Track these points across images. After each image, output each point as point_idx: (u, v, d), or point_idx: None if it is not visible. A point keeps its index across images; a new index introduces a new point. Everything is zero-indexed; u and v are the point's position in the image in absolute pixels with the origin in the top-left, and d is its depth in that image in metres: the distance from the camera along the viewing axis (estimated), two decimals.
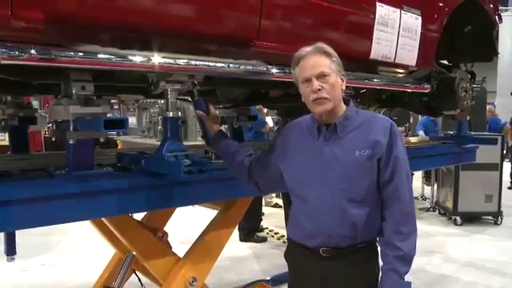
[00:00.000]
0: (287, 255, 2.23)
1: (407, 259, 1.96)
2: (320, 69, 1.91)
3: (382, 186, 1.99)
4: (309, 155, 2.02)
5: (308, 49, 1.96)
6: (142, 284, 3.30)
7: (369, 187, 1.97)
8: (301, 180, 2.05)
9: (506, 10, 17.99)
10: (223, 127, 2.85)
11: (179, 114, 2.28)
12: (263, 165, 2.21)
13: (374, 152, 1.95)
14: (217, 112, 2.57)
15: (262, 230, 6.66)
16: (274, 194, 7.95)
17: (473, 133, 5.24)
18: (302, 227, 2.04)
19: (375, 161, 1.95)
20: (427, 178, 8.79)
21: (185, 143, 2.41)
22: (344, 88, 2.00)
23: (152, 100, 8.66)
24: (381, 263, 2.04)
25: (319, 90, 1.90)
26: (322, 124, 2.00)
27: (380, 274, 2.00)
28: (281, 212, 6.45)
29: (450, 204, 7.46)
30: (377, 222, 2.02)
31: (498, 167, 7.27)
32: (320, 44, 1.97)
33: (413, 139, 5.77)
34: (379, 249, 2.07)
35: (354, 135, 1.98)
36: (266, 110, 6.63)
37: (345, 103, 2.04)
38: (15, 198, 1.83)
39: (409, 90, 3.64)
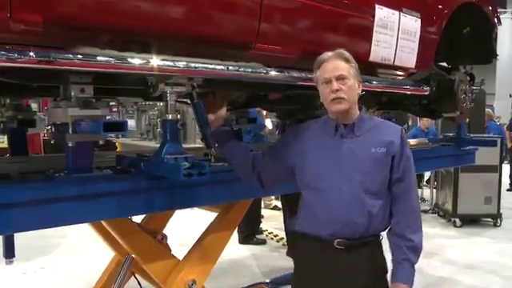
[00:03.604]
0: (295, 250, 2.34)
1: (418, 250, 2.15)
2: (340, 71, 2.08)
3: (393, 183, 2.15)
4: (326, 151, 2.16)
5: (330, 54, 2.14)
6: (141, 287, 3.29)
7: (383, 181, 2.13)
8: (318, 174, 2.16)
9: (505, 12, 18.02)
10: None
11: (178, 116, 2.27)
12: (273, 158, 2.32)
13: (389, 150, 2.12)
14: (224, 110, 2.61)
15: (261, 232, 6.65)
16: (273, 197, 7.93)
17: (472, 135, 5.24)
18: (317, 217, 2.15)
19: (390, 158, 2.13)
20: (418, 180, 8.86)
21: (184, 146, 2.41)
22: (359, 92, 2.16)
23: (151, 102, 8.66)
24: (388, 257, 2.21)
25: (338, 90, 2.06)
26: (340, 123, 2.15)
27: (392, 265, 2.16)
28: (280, 214, 6.44)
29: (449, 206, 7.46)
30: (386, 216, 2.17)
31: (497, 169, 7.28)
32: (341, 50, 2.15)
33: (412, 141, 5.75)
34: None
35: (369, 135, 2.15)
36: (265, 113, 6.62)
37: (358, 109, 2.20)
38: (14, 200, 1.82)
39: (408, 93, 3.64)
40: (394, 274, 2.14)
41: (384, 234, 2.22)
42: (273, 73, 2.52)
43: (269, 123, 7.07)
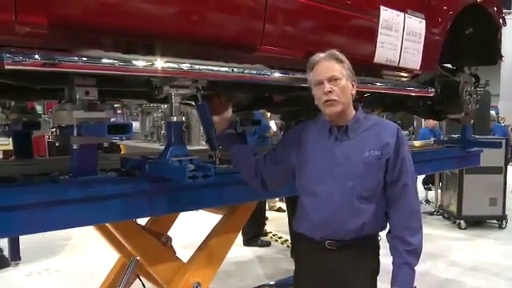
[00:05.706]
0: (293, 250, 2.33)
1: (417, 253, 2.12)
2: (331, 73, 2.06)
3: (389, 185, 2.13)
4: (321, 154, 2.15)
5: (321, 55, 2.12)
6: None
7: (376, 185, 2.11)
8: (313, 177, 2.17)
9: (510, 13, 17.94)
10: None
11: (183, 118, 2.27)
12: (274, 161, 2.32)
13: (383, 153, 2.09)
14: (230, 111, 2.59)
15: (265, 234, 6.64)
16: (277, 199, 7.93)
17: (477, 136, 5.22)
18: (310, 220, 2.17)
19: (384, 161, 2.10)
20: (426, 183, 8.85)
21: (189, 148, 2.40)
22: (354, 93, 2.14)
23: (155, 104, 8.66)
24: (387, 259, 2.18)
25: (330, 92, 2.05)
26: (334, 125, 2.14)
27: (392, 268, 2.15)
28: (284, 216, 6.42)
29: (454, 208, 7.42)
30: (381, 218, 2.17)
31: (502, 171, 7.23)
32: (333, 51, 2.13)
33: (417, 143, 5.74)
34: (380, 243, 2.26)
35: (364, 137, 2.12)
36: (269, 115, 6.61)
37: (354, 108, 2.17)
38: (19, 203, 1.82)
39: (413, 94, 3.63)
40: (393, 278, 2.14)
41: (383, 234, 2.24)
42: (277, 74, 2.51)
43: (273, 125, 7.06)
